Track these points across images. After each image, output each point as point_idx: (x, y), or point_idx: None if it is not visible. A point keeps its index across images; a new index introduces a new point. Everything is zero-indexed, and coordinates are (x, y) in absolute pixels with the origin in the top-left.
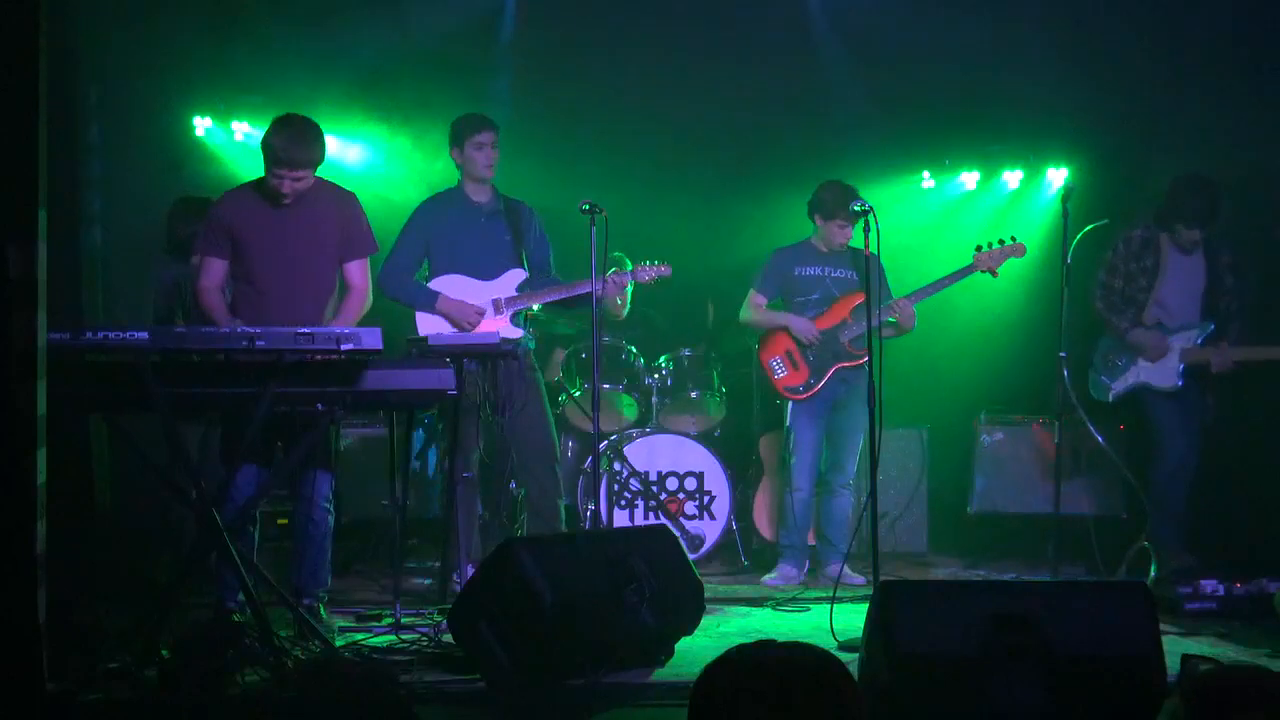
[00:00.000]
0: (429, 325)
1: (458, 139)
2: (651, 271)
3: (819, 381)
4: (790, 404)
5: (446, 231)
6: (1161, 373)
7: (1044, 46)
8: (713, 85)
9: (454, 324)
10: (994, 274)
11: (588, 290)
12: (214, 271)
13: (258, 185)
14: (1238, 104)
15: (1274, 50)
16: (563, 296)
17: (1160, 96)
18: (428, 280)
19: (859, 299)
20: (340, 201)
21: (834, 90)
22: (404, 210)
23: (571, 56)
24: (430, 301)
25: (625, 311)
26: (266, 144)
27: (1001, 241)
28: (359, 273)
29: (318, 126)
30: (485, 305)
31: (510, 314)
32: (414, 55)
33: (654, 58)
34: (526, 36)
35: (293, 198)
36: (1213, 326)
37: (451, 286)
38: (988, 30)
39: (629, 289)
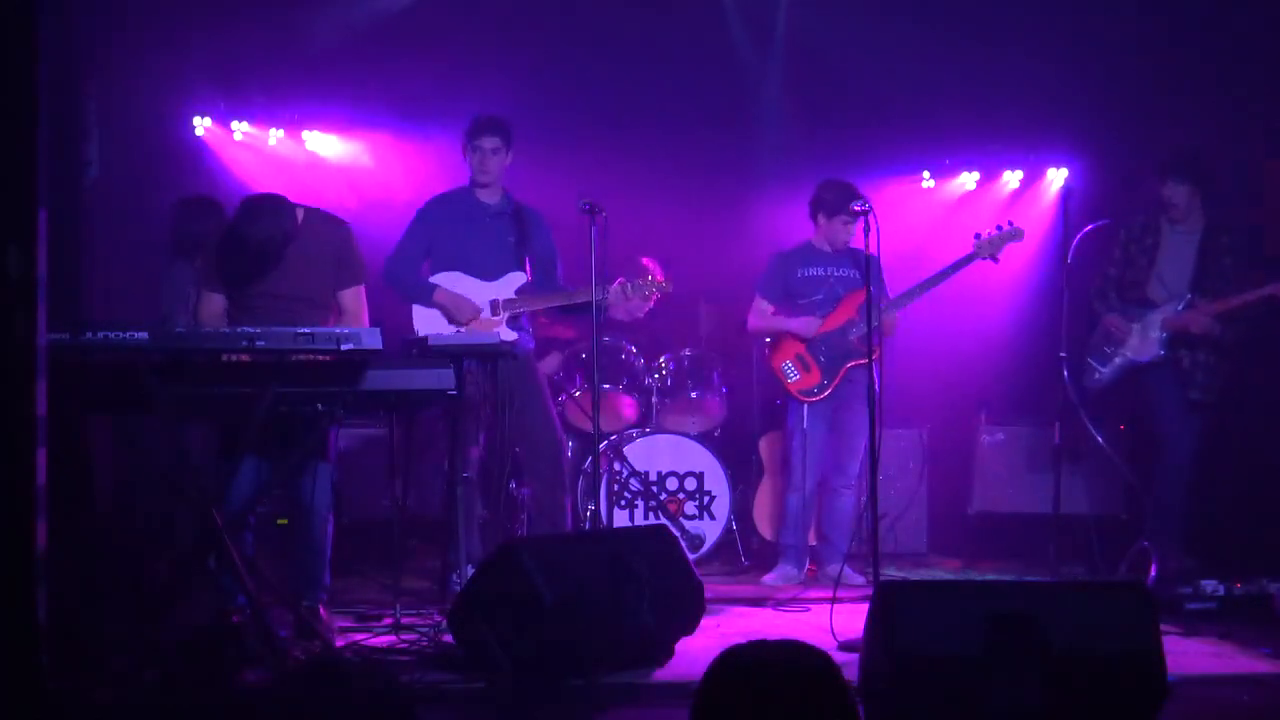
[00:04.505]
0: (424, 320)
1: (464, 140)
2: (656, 293)
3: (832, 382)
4: (801, 405)
5: (450, 230)
6: (1144, 346)
7: (1044, 47)
8: (709, 85)
9: (449, 317)
10: (995, 260)
11: (589, 300)
12: (214, 305)
13: None
14: (1238, 104)
15: (1273, 49)
16: (562, 303)
17: (1160, 97)
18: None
19: (864, 296)
20: (334, 231)
21: (833, 90)
22: (404, 210)
23: (567, 56)
24: (428, 294)
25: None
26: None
27: (1000, 227)
28: (353, 301)
29: (273, 200)
30: (483, 305)
31: (507, 316)
32: (413, 53)
33: (650, 56)
34: (525, 34)
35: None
36: (1191, 295)
37: (450, 283)
38: (988, 30)
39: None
